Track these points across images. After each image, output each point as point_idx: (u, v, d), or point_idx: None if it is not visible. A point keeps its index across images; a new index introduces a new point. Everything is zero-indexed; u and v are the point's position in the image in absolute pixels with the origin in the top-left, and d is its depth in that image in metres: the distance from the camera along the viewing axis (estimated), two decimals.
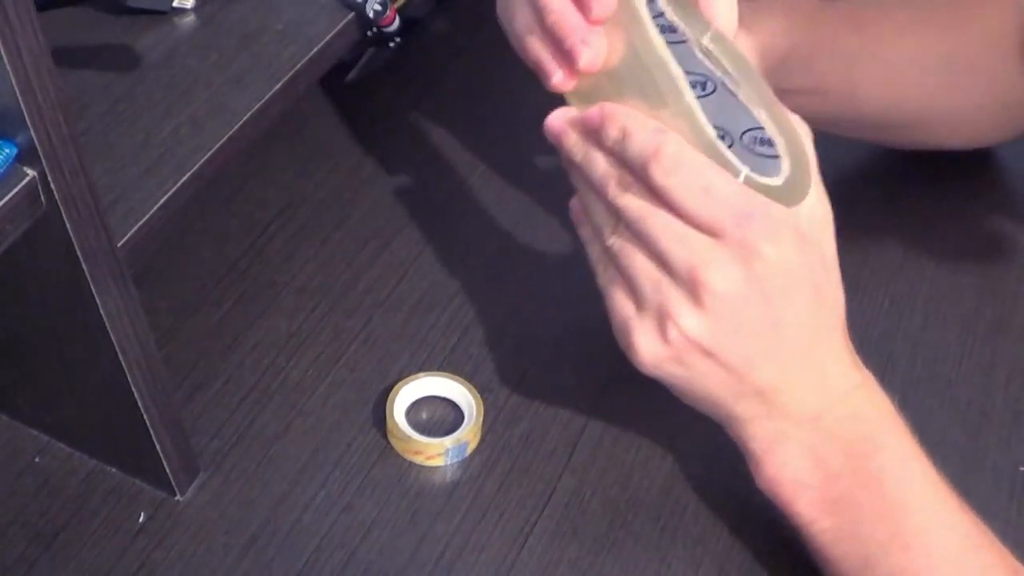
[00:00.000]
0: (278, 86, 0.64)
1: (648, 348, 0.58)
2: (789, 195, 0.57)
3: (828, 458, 0.59)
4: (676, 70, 0.58)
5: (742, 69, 0.59)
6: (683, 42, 0.60)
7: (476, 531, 0.65)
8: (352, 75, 0.89)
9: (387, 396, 0.69)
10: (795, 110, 0.65)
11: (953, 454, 0.69)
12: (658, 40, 0.59)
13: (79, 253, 0.53)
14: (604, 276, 0.61)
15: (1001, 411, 0.71)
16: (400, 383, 0.69)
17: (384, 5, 0.69)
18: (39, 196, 0.51)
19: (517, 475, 0.67)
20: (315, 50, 0.66)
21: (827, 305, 0.59)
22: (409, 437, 0.67)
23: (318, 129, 0.87)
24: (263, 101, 0.63)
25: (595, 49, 0.59)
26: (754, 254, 0.55)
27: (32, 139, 0.49)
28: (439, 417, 0.70)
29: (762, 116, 0.59)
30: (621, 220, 0.58)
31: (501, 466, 0.68)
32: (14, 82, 0.46)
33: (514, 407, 0.70)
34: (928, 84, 0.78)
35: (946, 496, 0.58)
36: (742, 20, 0.68)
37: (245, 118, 0.62)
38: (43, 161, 0.50)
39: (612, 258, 0.59)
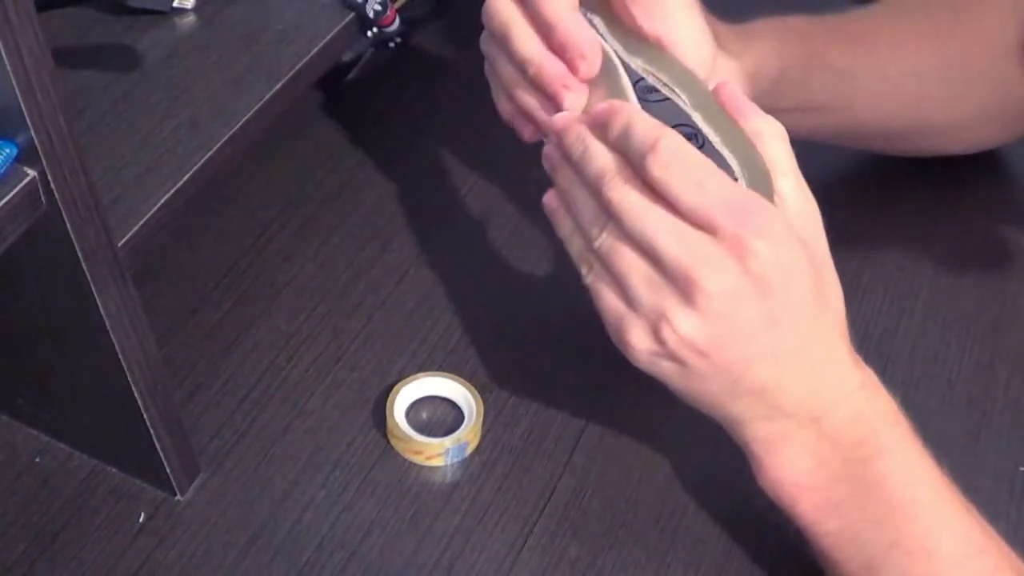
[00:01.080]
0: (278, 86, 0.64)
1: (643, 347, 0.58)
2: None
3: (830, 461, 0.58)
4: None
5: (685, 85, 0.61)
6: (663, 100, 0.62)
7: (476, 531, 0.65)
8: (352, 75, 0.90)
9: (387, 396, 0.69)
10: (792, 128, 0.66)
11: (953, 454, 0.69)
12: (633, 98, 0.60)
13: (79, 253, 0.53)
14: (591, 275, 0.60)
15: (1001, 411, 0.71)
16: (400, 383, 0.69)
17: (384, 5, 0.69)
18: (39, 196, 0.51)
19: (517, 475, 0.67)
20: (315, 50, 0.66)
21: (825, 304, 0.58)
22: (409, 437, 0.67)
23: (318, 129, 0.87)
24: (263, 101, 0.63)
25: (576, 93, 0.61)
26: (749, 251, 0.55)
27: (32, 139, 0.49)
28: (439, 417, 0.70)
29: (711, 137, 0.60)
30: (613, 217, 0.58)
31: (501, 466, 0.68)
32: (14, 82, 0.46)
33: (514, 407, 0.70)
34: (927, 94, 0.77)
35: (950, 499, 0.58)
36: (730, 47, 0.68)
37: (245, 118, 0.62)
38: (43, 161, 0.50)
39: (602, 257, 0.59)
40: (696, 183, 0.55)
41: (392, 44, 0.74)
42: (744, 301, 0.56)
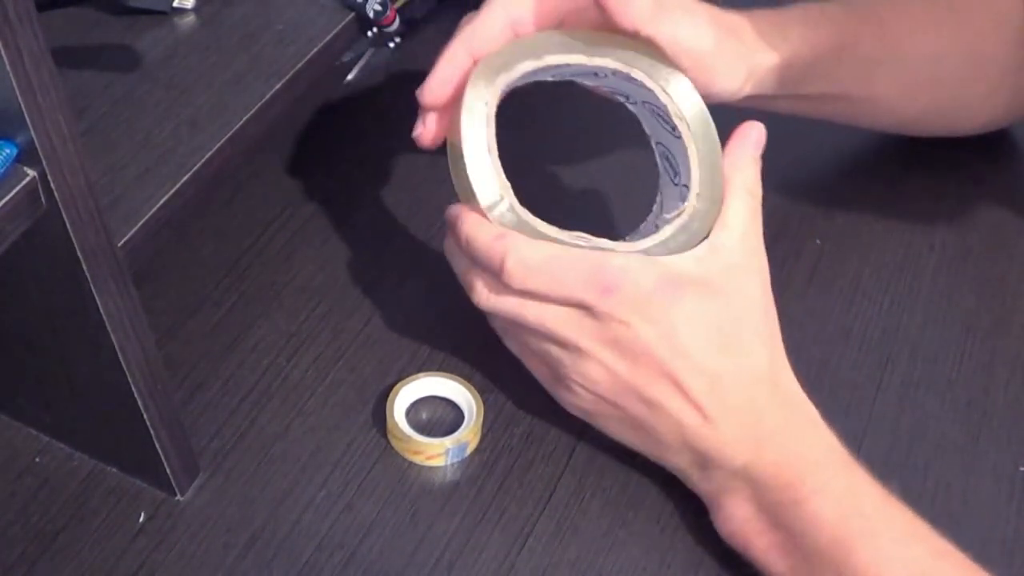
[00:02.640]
0: (278, 86, 0.64)
1: (567, 401, 0.64)
2: (675, 244, 0.61)
3: (767, 507, 0.59)
4: (483, 171, 0.62)
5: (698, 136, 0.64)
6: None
7: (476, 531, 0.65)
8: (352, 75, 0.89)
9: (387, 396, 0.69)
10: (811, 112, 0.68)
11: (953, 454, 0.69)
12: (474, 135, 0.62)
13: (79, 253, 0.53)
14: (513, 348, 0.66)
15: (1001, 411, 0.71)
16: (400, 383, 0.69)
17: (384, 5, 0.69)
18: (39, 196, 0.51)
19: (517, 475, 0.67)
20: (315, 50, 0.66)
21: (737, 349, 0.60)
22: (409, 437, 0.67)
23: (318, 129, 0.87)
24: (263, 101, 0.63)
25: (426, 126, 0.66)
26: (619, 321, 0.59)
27: (32, 139, 0.49)
28: (439, 417, 0.70)
29: (694, 174, 0.63)
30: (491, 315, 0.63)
31: (501, 466, 0.68)
32: (14, 82, 0.46)
33: (514, 407, 0.70)
34: (943, 77, 0.78)
35: (890, 526, 0.58)
36: (769, 38, 0.69)
37: (245, 118, 0.62)
38: (43, 161, 0.50)
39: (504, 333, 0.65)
40: (556, 281, 0.59)
41: (392, 44, 0.74)
42: (632, 360, 0.59)
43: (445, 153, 0.65)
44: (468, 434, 0.67)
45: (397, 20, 0.71)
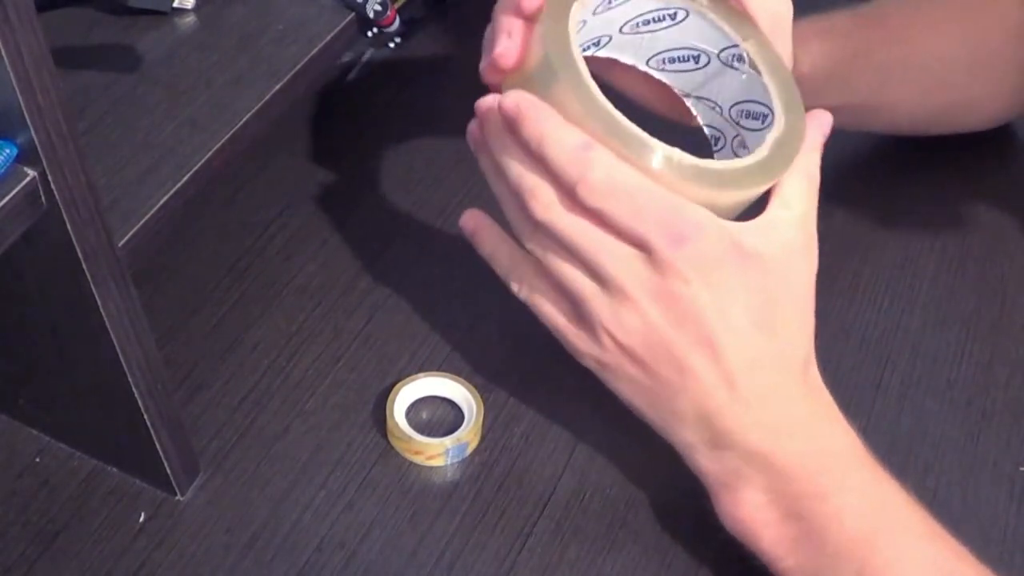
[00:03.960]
0: (278, 86, 0.64)
1: (585, 349, 0.59)
2: (745, 178, 0.57)
3: (784, 497, 0.58)
4: (584, 72, 0.57)
5: (774, 69, 0.61)
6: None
7: (476, 531, 0.65)
8: (352, 75, 0.90)
9: (387, 396, 0.69)
10: None
11: (953, 454, 0.69)
12: (573, 44, 0.57)
13: (79, 253, 0.53)
14: (524, 289, 0.61)
15: (1001, 411, 0.71)
16: (400, 383, 0.69)
17: (384, 5, 0.69)
18: (39, 196, 0.51)
19: (517, 475, 0.67)
20: (315, 50, 0.66)
21: (779, 330, 0.58)
22: (409, 437, 0.67)
23: (318, 129, 0.87)
24: (263, 101, 0.63)
25: (508, 44, 0.58)
26: (680, 275, 0.55)
27: (32, 139, 0.49)
28: (439, 417, 0.70)
29: (774, 97, 0.60)
30: (540, 229, 0.58)
31: (501, 466, 0.68)
32: (14, 82, 0.46)
33: (514, 407, 0.70)
34: (951, 77, 0.79)
35: (914, 524, 0.57)
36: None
37: (245, 118, 0.62)
38: (43, 161, 0.50)
39: (534, 263, 0.60)
40: (633, 211, 0.55)
41: (392, 44, 0.74)
42: (677, 319, 0.56)
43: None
44: (468, 434, 0.68)
45: (397, 20, 0.71)
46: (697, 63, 0.67)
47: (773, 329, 0.57)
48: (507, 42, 0.58)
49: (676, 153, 0.56)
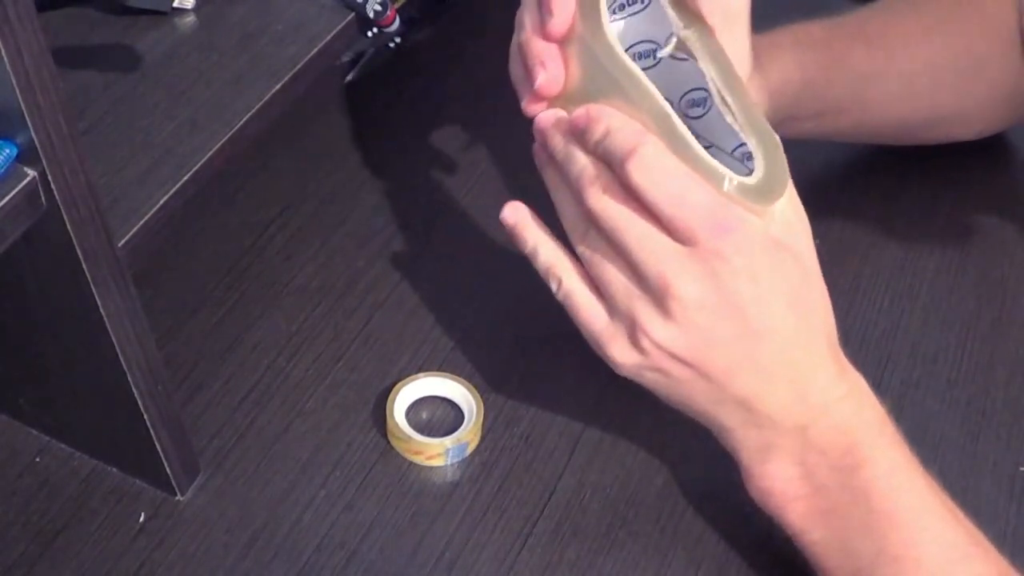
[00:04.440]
0: (278, 86, 0.64)
1: (623, 357, 0.59)
2: (767, 193, 0.57)
3: (815, 470, 0.59)
4: (642, 75, 0.58)
5: (719, 64, 0.60)
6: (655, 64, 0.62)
7: (476, 531, 0.65)
8: (352, 75, 0.90)
9: (387, 396, 0.69)
10: (810, 132, 0.66)
11: (953, 454, 0.69)
12: (619, 50, 0.58)
13: (79, 253, 0.53)
14: (562, 290, 0.61)
15: (1001, 411, 0.71)
16: (400, 383, 0.69)
17: (384, 5, 0.69)
18: (39, 196, 0.51)
19: (517, 475, 0.67)
20: (315, 50, 0.66)
21: (809, 313, 0.58)
22: (409, 437, 0.67)
23: (318, 129, 0.87)
24: (263, 101, 0.63)
25: (551, 72, 0.59)
26: (726, 265, 0.56)
27: (32, 139, 0.49)
28: (439, 417, 0.70)
29: (736, 117, 0.60)
30: (594, 225, 0.58)
31: (501, 466, 0.68)
32: (14, 82, 0.46)
33: (514, 407, 0.70)
34: (938, 86, 0.78)
35: (936, 506, 0.58)
36: (758, 60, 0.68)
37: (245, 118, 0.62)
38: (43, 161, 0.50)
39: (584, 261, 0.60)
40: (677, 196, 0.55)
41: (392, 44, 0.74)
42: (721, 313, 0.56)
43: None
44: (468, 434, 0.68)
45: (397, 20, 0.71)
46: (653, 58, 0.66)
47: (805, 312, 0.58)
48: (547, 73, 0.59)
49: (730, 174, 0.57)
